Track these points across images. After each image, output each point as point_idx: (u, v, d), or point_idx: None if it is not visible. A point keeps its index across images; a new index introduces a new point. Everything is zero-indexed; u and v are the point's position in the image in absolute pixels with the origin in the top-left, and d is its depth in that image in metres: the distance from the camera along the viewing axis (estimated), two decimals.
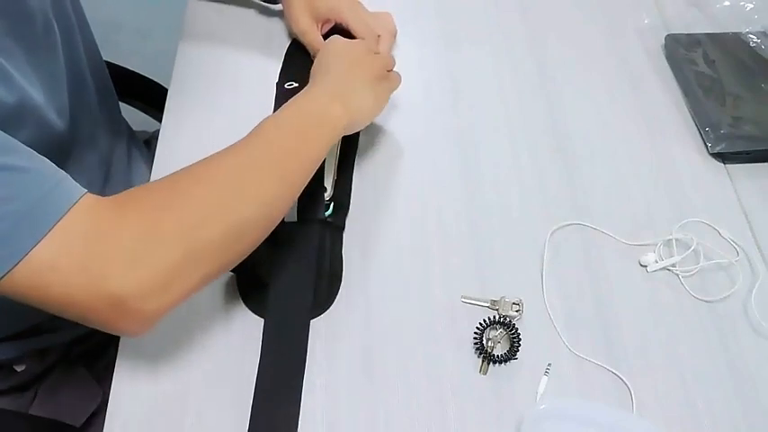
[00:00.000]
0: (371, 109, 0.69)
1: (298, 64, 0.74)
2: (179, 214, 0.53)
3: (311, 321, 0.64)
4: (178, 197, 0.55)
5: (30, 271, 0.48)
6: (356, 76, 0.68)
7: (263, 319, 0.64)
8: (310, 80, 0.69)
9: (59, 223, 0.48)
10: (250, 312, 0.65)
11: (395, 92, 0.73)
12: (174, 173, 0.57)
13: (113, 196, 0.54)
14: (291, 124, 0.62)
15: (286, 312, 0.64)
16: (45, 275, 0.48)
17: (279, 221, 0.60)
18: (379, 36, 0.81)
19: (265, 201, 0.58)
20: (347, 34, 0.82)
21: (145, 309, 0.51)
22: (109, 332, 0.53)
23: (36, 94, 0.61)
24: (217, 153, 0.58)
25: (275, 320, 0.64)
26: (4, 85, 0.56)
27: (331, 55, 0.70)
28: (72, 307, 0.50)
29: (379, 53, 0.74)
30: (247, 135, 0.60)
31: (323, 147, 0.63)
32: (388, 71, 0.73)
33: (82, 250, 0.49)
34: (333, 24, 0.83)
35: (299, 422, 0.59)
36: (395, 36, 0.86)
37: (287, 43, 0.87)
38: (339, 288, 0.67)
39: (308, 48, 0.82)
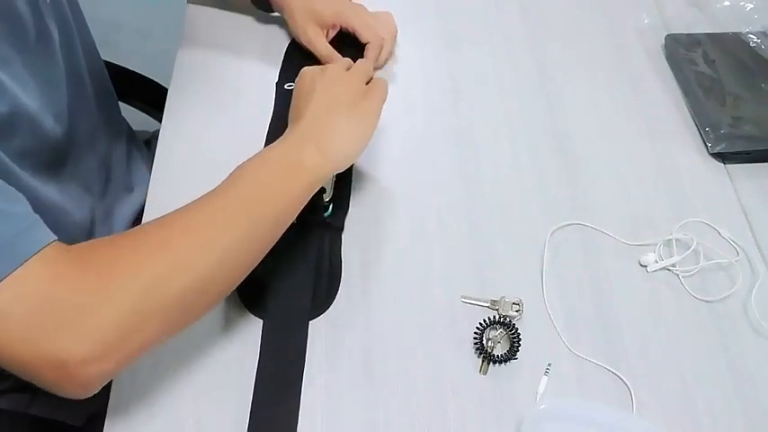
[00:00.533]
0: (359, 140, 0.63)
1: (297, 64, 0.74)
2: (136, 271, 0.50)
3: (311, 321, 0.64)
4: (137, 252, 0.52)
5: None
6: (333, 108, 0.63)
7: (262, 321, 0.64)
8: (289, 124, 0.64)
9: (19, 270, 0.46)
10: (249, 313, 0.65)
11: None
12: (142, 225, 0.55)
13: (79, 246, 0.51)
14: (267, 174, 0.58)
15: (285, 313, 0.64)
16: None
17: (243, 278, 0.57)
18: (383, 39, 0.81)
19: (230, 255, 0.54)
20: (350, 38, 0.82)
21: (86, 373, 0.48)
22: (53, 392, 0.50)
23: (30, 100, 0.60)
24: (187, 205, 0.55)
25: (275, 322, 0.64)
26: None
27: (303, 93, 0.65)
28: (15, 363, 0.48)
29: (351, 67, 0.68)
30: (221, 184, 0.57)
31: (300, 197, 0.59)
32: (367, 83, 0.67)
33: (33, 304, 0.47)
34: (338, 30, 0.83)
35: (299, 422, 0.59)
36: (395, 37, 0.86)
37: (287, 43, 0.87)
38: (339, 288, 0.67)
39: (318, 57, 0.82)
